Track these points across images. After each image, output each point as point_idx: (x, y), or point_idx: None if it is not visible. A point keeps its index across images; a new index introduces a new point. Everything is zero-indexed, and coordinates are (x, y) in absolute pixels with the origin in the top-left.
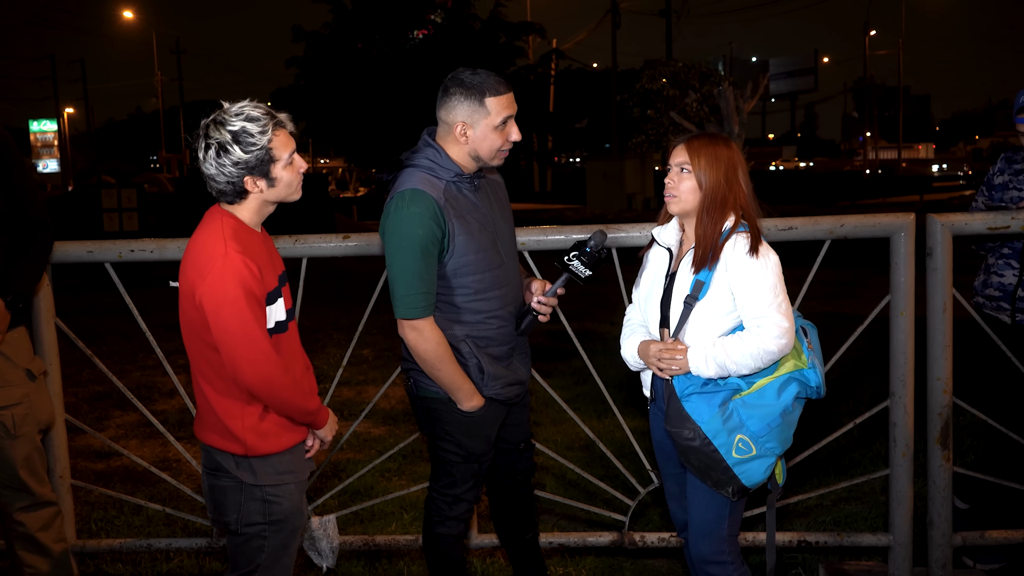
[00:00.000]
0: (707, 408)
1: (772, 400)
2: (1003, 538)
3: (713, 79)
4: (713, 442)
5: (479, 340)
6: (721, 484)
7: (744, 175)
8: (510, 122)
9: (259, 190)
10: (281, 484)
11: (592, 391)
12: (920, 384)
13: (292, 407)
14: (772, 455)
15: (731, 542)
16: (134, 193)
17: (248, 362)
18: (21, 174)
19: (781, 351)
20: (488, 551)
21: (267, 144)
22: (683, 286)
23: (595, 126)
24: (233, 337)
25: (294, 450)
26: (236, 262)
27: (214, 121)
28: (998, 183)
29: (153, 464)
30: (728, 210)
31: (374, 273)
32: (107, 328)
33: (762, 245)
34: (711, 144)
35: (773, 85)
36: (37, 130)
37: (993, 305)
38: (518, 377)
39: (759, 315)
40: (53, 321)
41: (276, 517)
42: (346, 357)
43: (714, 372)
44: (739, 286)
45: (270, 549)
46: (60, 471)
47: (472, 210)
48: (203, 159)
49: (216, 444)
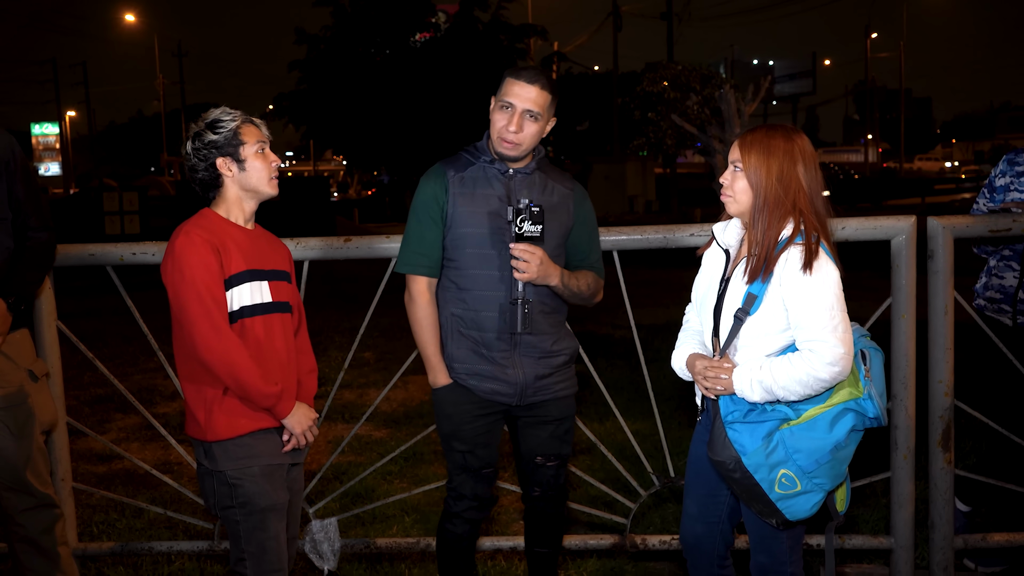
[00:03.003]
0: (750, 439)
1: (823, 433)
2: (1005, 541)
3: (714, 82)
4: (754, 476)
5: (464, 320)
6: (765, 515)
7: (808, 172)
8: (512, 109)
9: (231, 174)
10: (242, 468)
11: (593, 394)
12: (921, 386)
13: (249, 387)
14: (820, 491)
15: (793, 554)
16: (135, 196)
17: (202, 336)
18: (24, 177)
19: (834, 379)
20: (489, 554)
21: (236, 128)
22: (735, 298)
23: (596, 129)
24: (190, 311)
25: (255, 436)
26: (193, 241)
27: (196, 120)
28: (999, 185)
29: (154, 467)
30: (786, 214)
31: (375, 276)
32: (109, 331)
33: (818, 260)
34: (766, 137)
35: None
36: (39, 133)
37: (994, 307)
38: (501, 376)
39: (812, 338)
40: (55, 324)
41: (241, 499)
42: (347, 360)
43: (759, 396)
44: (792, 304)
45: (245, 532)
46: (62, 474)
47: (488, 191)
48: (186, 153)
49: (188, 431)
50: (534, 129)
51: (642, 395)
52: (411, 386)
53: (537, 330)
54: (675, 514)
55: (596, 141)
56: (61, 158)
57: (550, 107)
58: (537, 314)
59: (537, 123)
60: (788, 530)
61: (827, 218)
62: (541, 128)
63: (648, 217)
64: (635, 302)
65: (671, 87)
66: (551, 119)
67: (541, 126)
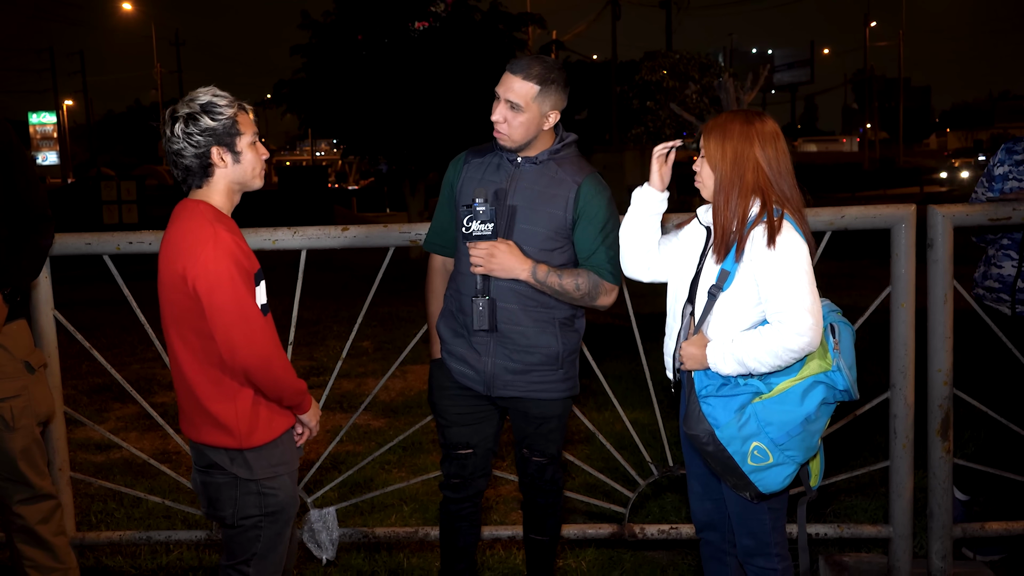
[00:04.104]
0: (723, 412)
1: (794, 406)
2: (1003, 529)
3: (713, 70)
4: (727, 449)
5: (453, 298)
6: (739, 488)
7: (767, 152)
8: (498, 100)
9: (224, 165)
10: (276, 476)
11: (592, 383)
12: (920, 376)
13: (286, 386)
14: (793, 463)
15: (776, 534)
16: (133, 185)
17: (245, 338)
18: (21, 166)
19: (804, 350)
20: (488, 543)
21: (233, 116)
22: (709, 274)
23: (595, 118)
24: (230, 315)
25: (284, 439)
26: (226, 240)
27: (182, 100)
28: (998, 174)
29: (152, 457)
30: (747, 194)
31: (373, 265)
32: (106, 320)
33: (781, 235)
34: (725, 122)
35: (774, 76)
36: (36, 122)
37: (993, 296)
38: (472, 361)
39: (781, 310)
40: (52, 313)
41: (272, 509)
42: (345, 349)
43: (731, 369)
44: (762, 278)
45: (265, 539)
46: (59, 463)
47: (494, 178)
48: (171, 134)
49: (209, 440)
50: (519, 120)
51: (641, 385)
52: (409, 375)
53: (514, 323)
54: (673, 503)
55: (595, 130)
56: (59, 147)
57: (539, 98)
58: (518, 310)
59: (522, 114)
60: (771, 513)
61: (796, 194)
62: (531, 119)
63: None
64: (633, 291)
65: (670, 76)
66: (551, 110)
67: (529, 117)
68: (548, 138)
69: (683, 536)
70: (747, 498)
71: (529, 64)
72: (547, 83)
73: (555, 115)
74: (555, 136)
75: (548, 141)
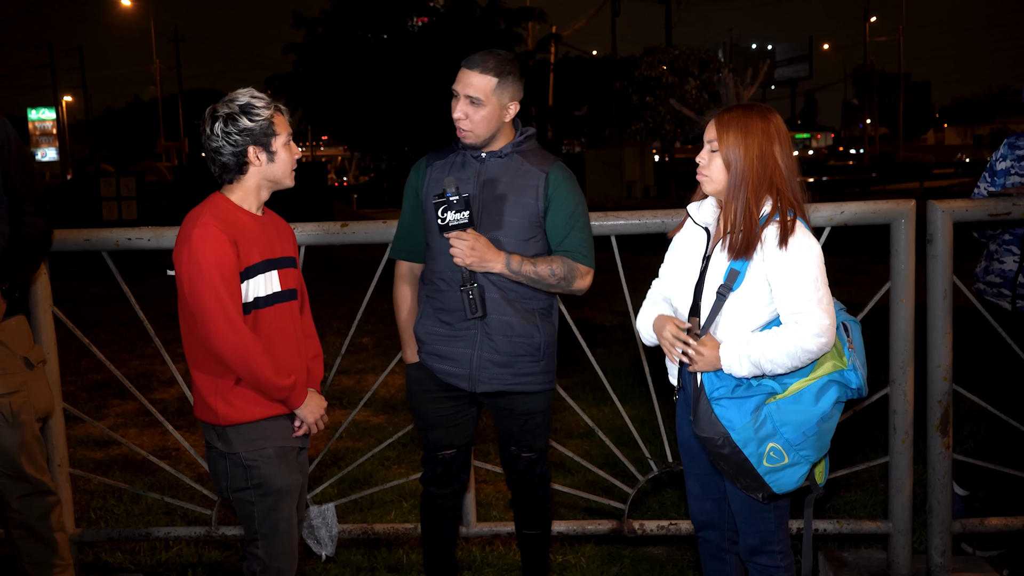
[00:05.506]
0: (739, 415)
1: (809, 406)
2: (1002, 525)
3: (713, 66)
4: (743, 451)
5: (435, 300)
6: (751, 489)
7: (783, 151)
8: (457, 96)
9: (259, 163)
10: (257, 449)
11: (591, 379)
12: (920, 371)
13: (265, 381)
14: (807, 462)
15: (780, 532)
16: (133, 181)
17: (217, 330)
18: (20, 162)
19: (821, 350)
20: (487, 539)
21: (270, 117)
22: (717, 274)
23: (594, 113)
24: (205, 304)
25: (268, 424)
26: (210, 232)
27: (222, 101)
28: (1000, 169)
29: (152, 453)
30: (764, 192)
31: (373, 261)
32: (105, 317)
33: (794, 236)
34: (743, 117)
35: (774, 72)
36: (35, 118)
37: (994, 292)
38: (457, 355)
39: (797, 311)
40: (51, 310)
41: (256, 480)
42: (345, 345)
43: (747, 371)
44: (776, 279)
45: (260, 514)
46: (59, 460)
47: (460, 175)
48: (210, 132)
49: (199, 415)
50: (481, 114)
51: (640, 380)
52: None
53: (498, 313)
54: (673, 500)
55: (594, 126)
56: (58, 143)
57: (497, 90)
58: (500, 299)
59: (483, 108)
60: (776, 511)
61: (803, 196)
62: (492, 112)
63: (646, 202)
64: (633, 287)
65: (669, 71)
66: (510, 102)
67: (490, 110)
68: (509, 131)
69: (682, 532)
70: (758, 499)
71: (484, 58)
72: (504, 75)
73: (515, 106)
74: (515, 130)
75: (510, 135)
